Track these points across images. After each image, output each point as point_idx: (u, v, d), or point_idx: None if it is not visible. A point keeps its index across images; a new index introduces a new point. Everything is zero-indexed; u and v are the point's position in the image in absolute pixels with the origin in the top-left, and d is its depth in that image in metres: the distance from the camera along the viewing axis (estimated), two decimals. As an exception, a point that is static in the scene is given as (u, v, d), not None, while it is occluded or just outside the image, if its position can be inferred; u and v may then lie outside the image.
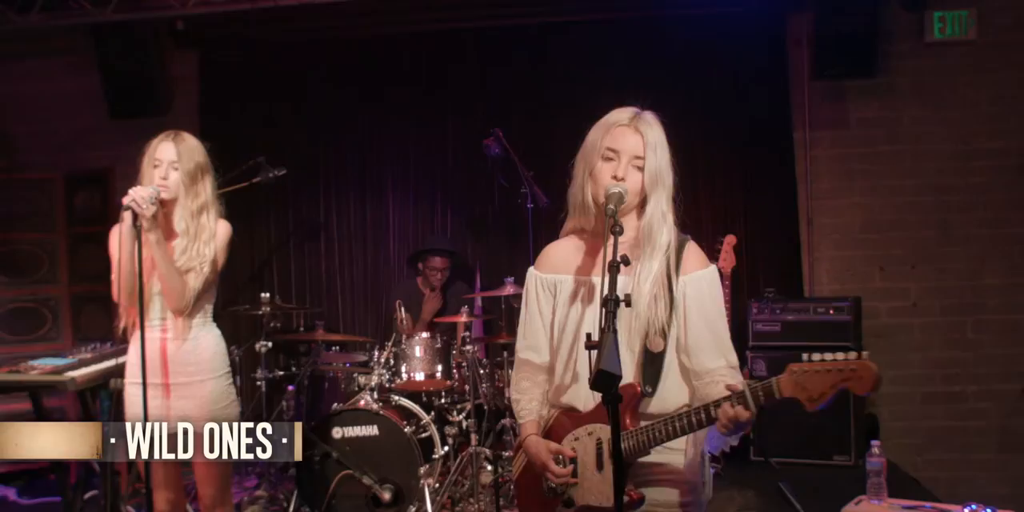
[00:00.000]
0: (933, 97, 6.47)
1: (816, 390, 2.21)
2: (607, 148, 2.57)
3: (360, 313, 6.85)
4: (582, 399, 2.60)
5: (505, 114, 6.52)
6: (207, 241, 3.53)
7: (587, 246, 2.68)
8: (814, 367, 2.22)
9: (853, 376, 2.18)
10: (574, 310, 2.62)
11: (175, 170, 3.49)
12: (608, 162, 2.56)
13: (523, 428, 2.68)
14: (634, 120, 2.60)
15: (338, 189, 6.91)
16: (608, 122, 2.62)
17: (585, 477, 2.54)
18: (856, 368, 2.18)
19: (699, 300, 2.55)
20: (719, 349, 2.54)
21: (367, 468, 4.84)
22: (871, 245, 6.54)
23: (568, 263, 2.68)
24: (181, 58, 6.84)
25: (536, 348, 2.74)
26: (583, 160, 2.63)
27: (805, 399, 2.23)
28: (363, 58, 6.86)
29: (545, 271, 2.72)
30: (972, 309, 6.45)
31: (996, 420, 6.40)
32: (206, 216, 3.55)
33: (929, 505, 3.75)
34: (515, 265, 6.66)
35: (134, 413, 3.43)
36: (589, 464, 2.53)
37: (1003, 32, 6.41)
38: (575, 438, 2.58)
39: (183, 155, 3.50)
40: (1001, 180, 6.41)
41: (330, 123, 6.86)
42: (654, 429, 2.44)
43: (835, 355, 2.20)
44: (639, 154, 2.55)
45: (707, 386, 2.50)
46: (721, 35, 6.53)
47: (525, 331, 2.76)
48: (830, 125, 6.57)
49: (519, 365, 2.77)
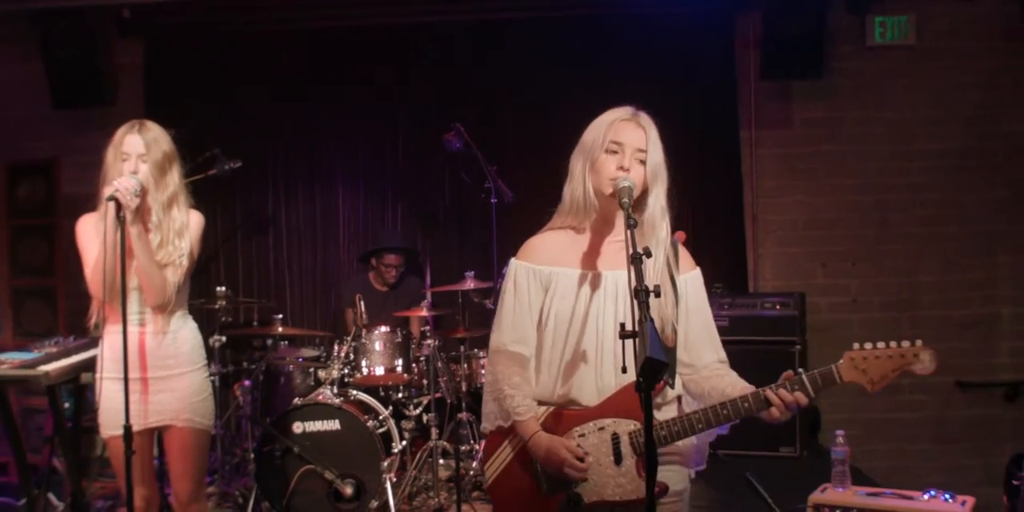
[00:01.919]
0: (874, 99, 6.67)
1: (877, 374, 2.46)
2: (611, 141, 2.60)
3: (309, 307, 6.81)
4: (585, 393, 2.59)
5: (456, 109, 6.51)
6: (180, 232, 3.47)
7: (584, 239, 2.69)
8: (875, 353, 2.46)
9: (916, 360, 2.46)
10: (579, 302, 2.62)
11: (144, 163, 3.42)
12: (612, 155, 2.60)
13: (524, 425, 2.58)
14: (635, 116, 2.66)
15: (287, 182, 6.86)
16: (609, 118, 2.66)
17: (598, 472, 2.53)
18: (919, 353, 2.45)
19: (697, 298, 2.66)
20: (714, 344, 2.68)
21: (328, 463, 4.83)
22: (813, 242, 6.72)
23: (565, 256, 2.67)
24: (127, 47, 6.69)
25: (526, 341, 2.69)
26: (582, 156, 2.66)
27: (866, 382, 2.46)
28: (314, 50, 6.81)
29: (538, 263, 2.69)
30: (909, 305, 6.67)
31: (931, 412, 6.63)
32: (176, 207, 3.49)
33: (890, 492, 3.88)
34: (466, 260, 6.71)
35: (111, 408, 3.37)
36: (602, 459, 2.54)
37: (940, 37, 6.62)
38: (580, 434, 2.56)
39: (151, 146, 3.42)
40: (938, 180, 6.64)
41: (279, 115, 6.80)
42: (693, 418, 2.51)
43: (890, 343, 2.47)
44: (642, 147, 2.60)
45: (708, 379, 2.61)
46: (670, 35, 6.63)
47: (513, 324, 2.69)
48: (775, 125, 6.73)
49: (507, 358, 2.68)
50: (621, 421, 2.54)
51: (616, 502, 2.53)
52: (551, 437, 2.56)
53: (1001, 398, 6.67)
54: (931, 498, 3.80)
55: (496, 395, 2.67)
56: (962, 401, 6.64)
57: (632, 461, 2.52)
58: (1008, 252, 6.67)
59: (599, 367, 2.59)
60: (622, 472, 2.52)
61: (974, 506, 3.74)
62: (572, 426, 2.58)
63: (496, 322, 2.76)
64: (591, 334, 2.59)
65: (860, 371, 2.46)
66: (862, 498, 3.87)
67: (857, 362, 2.46)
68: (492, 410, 2.70)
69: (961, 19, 6.61)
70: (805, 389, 2.46)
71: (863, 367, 2.45)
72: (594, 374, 2.59)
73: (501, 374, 2.68)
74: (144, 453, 3.48)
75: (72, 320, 6.41)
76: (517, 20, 6.80)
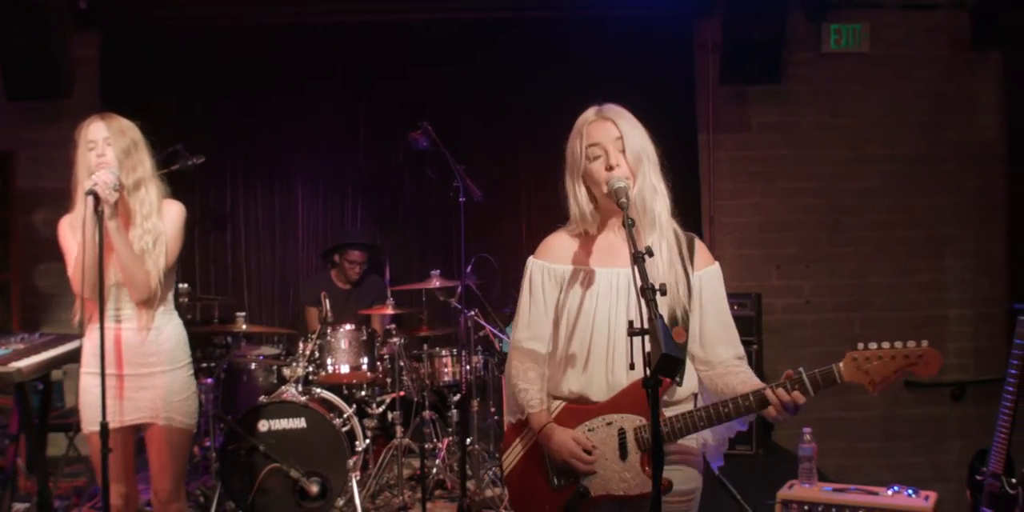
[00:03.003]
0: (829, 105, 6.82)
1: (879, 375, 2.46)
2: (588, 146, 2.64)
3: (267, 305, 6.75)
4: (596, 388, 2.63)
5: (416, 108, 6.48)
6: (147, 216, 3.43)
7: (596, 238, 2.74)
8: (877, 354, 2.45)
9: (920, 361, 2.46)
10: (588, 300, 2.66)
11: (109, 145, 3.38)
12: (596, 159, 2.64)
13: (535, 417, 2.65)
14: (599, 112, 2.70)
15: (246, 178, 6.78)
16: (578, 126, 2.71)
17: (605, 467, 2.58)
18: (923, 354, 2.45)
19: (713, 294, 2.68)
20: (731, 341, 2.69)
21: (294, 461, 4.80)
22: (769, 244, 6.84)
23: (579, 254, 2.72)
24: (83, 39, 6.54)
25: (541, 338, 2.74)
26: (571, 171, 2.70)
27: (867, 383, 2.47)
28: (274, 46, 6.70)
29: (553, 262, 2.74)
30: (860, 306, 6.83)
31: (880, 410, 6.79)
32: (144, 190, 3.45)
33: (854, 487, 3.98)
34: (426, 258, 6.72)
35: (90, 404, 3.33)
36: (609, 453, 2.58)
37: (893, 46, 6.80)
38: (589, 429, 2.61)
39: (114, 132, 3.40)
40: (889, 185, 6.81)
41: (237, 111, 6.71)
42: (696, 415, 2.54)
43: (893, 344, 2.45)
44: (617, 136, 2.63)
45: (723, 376, 2.63)
46: (631, 38, 6.69)
47: (529, 321, 2.75)
48: (732, 128, 6.84)
49: (523, 355, 2.75)
50: (628, 417, 2.58)
51: (621, 497, 2.57)
52: (562, 429, 2.61)
53: (948, 397, 6.87)
54: (895, 494, 3.91)
55: (513, 390, 2.75)
56: (910, 400, 6.82)
57: (637, 456, 2.57)
58: (955, 256, 6.88)
59: (611, 364, 2.63)
60: (627, 467, 2.57)
61: (936, 501, 3.85)
62: (582, 420, 2.63)
63: (514, 320, 2.83)
64: (603, 331, 2.64)
65: (863, 371, 2.46)
66: (828, 494, 3.96)
67: (860, 362, 2.46)
68: (511, 404, 2.79)
69: (913, 29, 6.80)
70: (804, 388, 2.47)
71: (866, 367, 2.46)
72: (605, 371, 2.63)
73: (517, 369, 2.76)
74: (123, 450, 3.44)
75: (26, 316, 6.29)
76: (478, 20, 6.80)
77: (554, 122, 6.66)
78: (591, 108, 2.73)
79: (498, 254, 5.98)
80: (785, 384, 2.48)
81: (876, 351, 2.45)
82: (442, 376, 5.54)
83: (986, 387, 6.81)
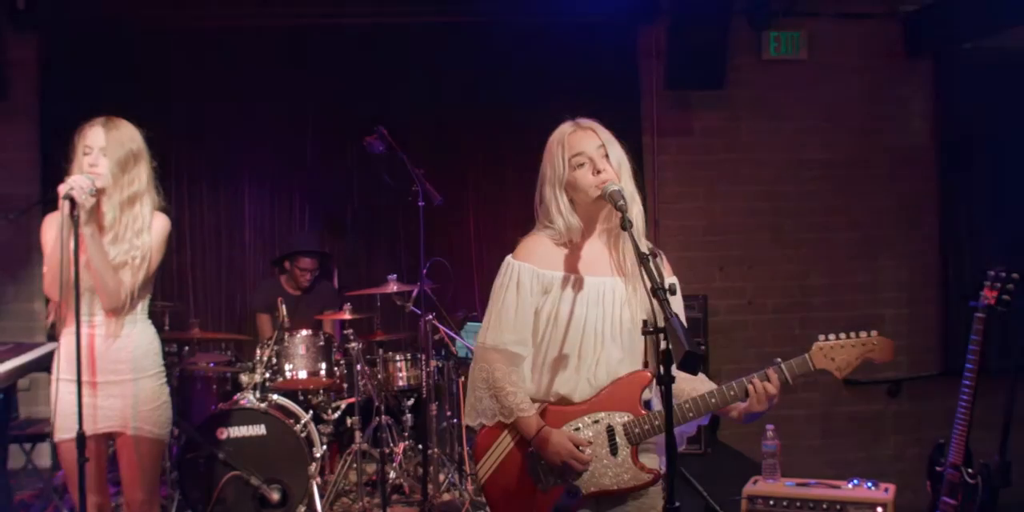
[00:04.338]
0: (769, 110, 6.98)
1: (843, 361, 2.71)
2: (572, 156, 2.71)
3: (214, 310, 6.63)
4: (579, 392, 2.71)
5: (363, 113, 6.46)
6: (138, 232, 3.37)
7: (576, 246, 2.78)
8: (840, 343, 2.71)
9: (876, 348, 2.71)
10: (578, 307, 2.71)
11: (104, 156, 3.33)
12: (580, 167, 2.69)
13: (527, 421, 2.66)
14: (577, 124, 2.79)
15: (191, 182, 6.65)
16: (558, 138, 2.77)
17: (595, 464, 2.66)
18: (877, 341, 2.71)
19: (677, 303, 2.71)
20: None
21: (254, 468, 4.75)
22: (712, 247, 6.98)
23: (562, 261, 2.76)
24: (21, 41, 6.37)
25: (524, 342, 2.75)
26: (551, 184, 2.75)
27: (834, 369, 2.70)
28: (220, 47, 6.61)
29: (542, 267, 2.75)
30: (800, 307, 7.02)
31: (820, 409, 7.00)
32: (139, 206, 3.40)
33: (815, 482, 4.10)
34: (373, 263, 6.70)
35: (64, 412, 3.26)
36: (599, 450, 2.66)
37: (829, 53, 7.00)
38: (575, 428, 2.68)
39: (113, 142, 3.34)
40: (828, 188, 7.01)
41: (182, 113, 6.59)
42: (684, 407, 2.64)
43: (851, 334, 2.71)
44: (600, 144, 2.72)
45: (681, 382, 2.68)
46: (573, 43, 6.76)
47: (515, 324, 2.74)
48: (676, 133, 6.96)
49: (507, 359, 2.74)
50: (614, 414, 2.67)
51: (615, 491, 2.66)
52: (558, 431, 2.66)
53: (884, 394, 7.09)
54: (855, 487, 4.05)
55: (495, 392, 2.72)
56: (848, 398, 7.02)
57: (628, 451, 2.66)
58: (891, 257, 7.11)
59: (593, 368, 2.71)
60: (618, 462, 2.66)
61: (895, 492, 3.99)
62: (566, 421, 2.70)
63: (493, 319, 2.78)
64: (591, 337, 2.71)
65: (828, 359, 2.70)
66: (792, 489, 4.08)
67: (825, 351, 2.70)
68: (489, 406, 2.74)
69: (848, 37, 7.02)
70: (782, 375, 2.65)
71: (831, 355, 2.70)
72: (587, 374, 2.71)
73: (500, 372, 2.73)
74: (96, 459, 3.37)
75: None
76: (424, 24, 6.80)
77: (499, 126, 6.82)
78: (566, 122, 2.81)
79: (447, 257, 5.98)
80: (764, 375, 2.65)
81: (838, 341, 2.71)
82: (396, 380, 5.54)
83: (921, 383, 7.08)
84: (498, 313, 2.78)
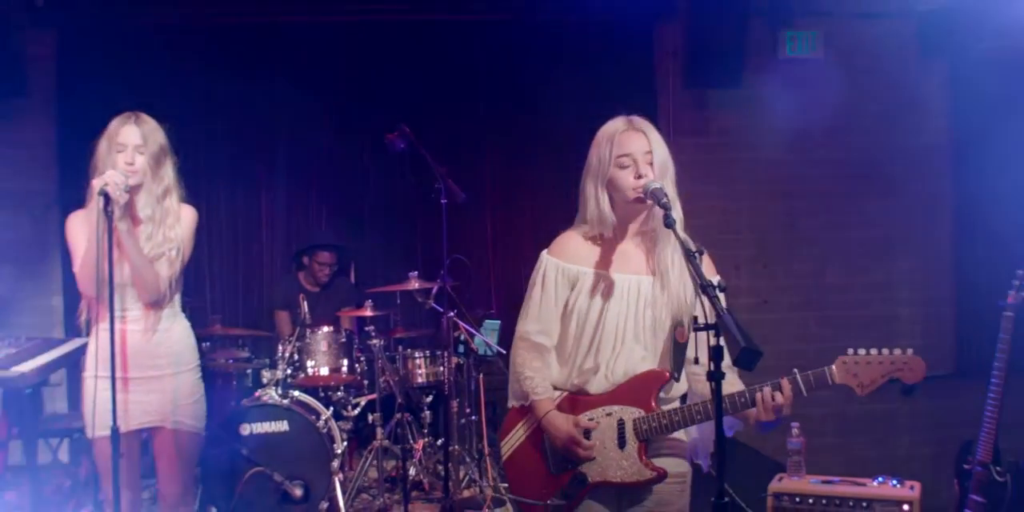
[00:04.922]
0: (784, 109, 6.94)
1: (868, 378, 2.66)
2: (618, 156, 2.75)
3: (232, 306, 6.65)
4: (597, 385, 2.79)
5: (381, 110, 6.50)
6: (172, 225, 3.43)
7: (608, 244, 2.84)
8: (866, 359, 2.65)
9: (905, 367, 2.64)
10: (603, 303, 2.79)
11: (141, 154, 3.35)
12: (624, 169, 2.74)
13: (539, 404, 2.79)
14: (631, 123, 2.82)
15: (208, 179, 6.66)
16: (608, 133, 2.81)
17: (603, 455, 2.73)
18: (908, 361, 2.64)
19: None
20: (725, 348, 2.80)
21: (277, 464, 4.76)
22: (728, 245, 6.96)
23: (590, 258, 2.83)
24: (39, 37, 6.39)
25: (549, 333, 2.88)
26: (593, 177, 2.80)
27: (856, 385, 2.65)
28: (235, 45, 6.64)
29: (568, 262, 2.85)
30: (816, 305, 7.03)
31: (834, 407, 6.99)
32: (170, 200, 3.46)
33: (839, 479, 4.12)
34: (391, 260, 6.71)
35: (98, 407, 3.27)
36: (608, 442, 2.73)
37: (845, 53, 7.00)
38: (590, 418, 2.76)
39: (148, 138, 3.38)
40: (843, 188, 7.01)
41: (199, 110, 6.62)
42: (692, 409, 2.67)
43: (882, 350, 2.63)
44: (648, 149, 2.75)
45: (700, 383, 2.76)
46: (592, 42, 6.79)
47: (539, 315, 2.87)
48: (693, 132, 6.96)
49: (530, 347, 2.87)
50: (628, 408, 2.74)
51: (618, 483, 2.72)
52: (565, 416, 2.76)
53: (898, 394, 7.06)
54: (881, 484, 4.06)
55: (517, 377, 2.87)
56: (863, 397, 7.00)
57: (635, 446, 2.72)
58: (905, 257, 7.10)
59: (612, 363, 2.78)
60: (625, 455, 2.72)
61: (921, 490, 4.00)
62: (583, 410, 2.78)
63: (523, 311, 2.92)
64: (611, 332, 2.78)
65: (851, 374, 2.64)
66: (817, 486, 4.10)
67: (849, 366, 2.64)
68: (515, 390, 2.90)
69: (864, 37, 7.01)
70: (797, 387, 2.64)
71: (855, 371, 2.64)
72: (606, 369, 2.79)
73: (523, 359, 2.88)
74: (129, 456, 3.38)
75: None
76: (444, 22, 6.83)
77: (517, 125, 6.82)
78: (619, 118, 2.85)
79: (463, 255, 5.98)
80: (775, 384, 2.64)
81: (865, 356, 2.63)
82: (416, 377, 5.56)
83: (935, 383, 7.04)
84: (527, 305, 2.93)
